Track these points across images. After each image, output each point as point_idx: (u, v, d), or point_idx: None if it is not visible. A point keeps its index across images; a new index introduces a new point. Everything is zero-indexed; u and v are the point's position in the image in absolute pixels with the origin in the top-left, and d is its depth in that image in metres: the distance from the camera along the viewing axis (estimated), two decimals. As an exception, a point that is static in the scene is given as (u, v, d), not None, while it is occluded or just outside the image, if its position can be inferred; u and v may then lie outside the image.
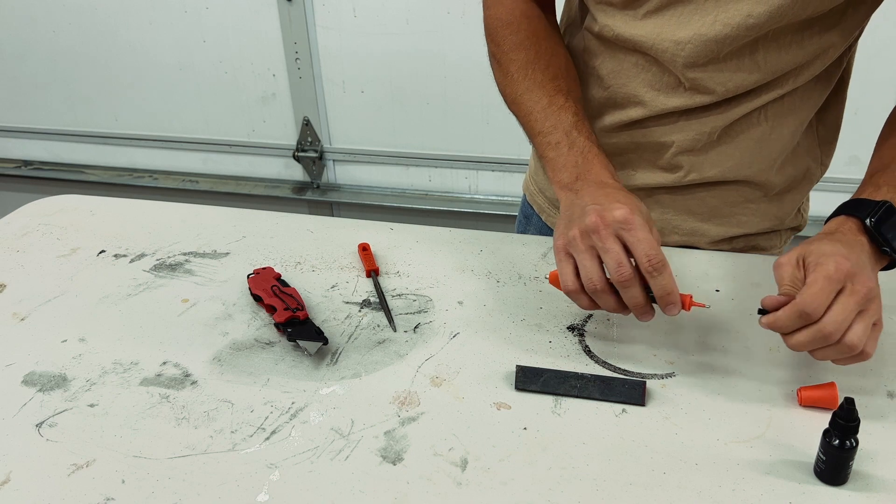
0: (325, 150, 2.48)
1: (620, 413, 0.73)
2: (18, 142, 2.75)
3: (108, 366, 0.80)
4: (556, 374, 0.76)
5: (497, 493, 0.64)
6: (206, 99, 2.48)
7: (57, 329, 0.86)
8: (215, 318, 0.87)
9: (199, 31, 2.37)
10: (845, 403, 0.63)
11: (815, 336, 0.68)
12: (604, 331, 0.84)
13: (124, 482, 0.66)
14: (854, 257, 0.70)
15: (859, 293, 0.68)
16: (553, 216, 1.12)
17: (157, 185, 2.64)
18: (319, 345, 0.80)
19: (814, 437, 0.66)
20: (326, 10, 2.24)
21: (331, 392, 0.76)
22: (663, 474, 0.66)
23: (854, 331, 0.67)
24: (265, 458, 0.68)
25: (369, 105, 2.37)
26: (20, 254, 1.01)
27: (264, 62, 2.37)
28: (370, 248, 0.98)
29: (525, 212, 1.20)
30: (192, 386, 0.77)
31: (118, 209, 1.13)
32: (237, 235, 1.04)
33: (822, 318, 0.67)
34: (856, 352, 0.68)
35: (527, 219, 1.19)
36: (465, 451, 0.68)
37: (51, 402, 0.75)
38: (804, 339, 0.68)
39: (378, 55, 2.27)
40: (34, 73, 2.58)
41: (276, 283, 0.89)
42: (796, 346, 0.69)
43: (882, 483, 0.65)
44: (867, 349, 0.69)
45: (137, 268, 0.97)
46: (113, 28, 2.42)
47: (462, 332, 0.84)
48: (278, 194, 2.56)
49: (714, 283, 0.91)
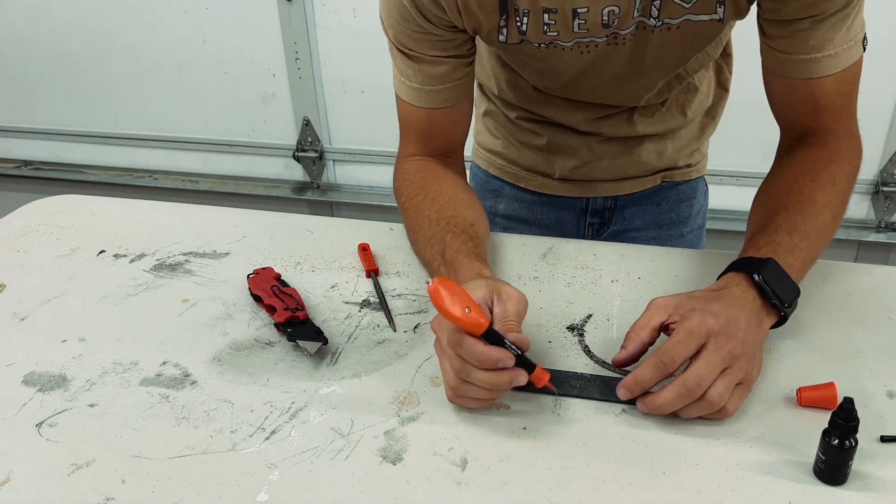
0: (325, 150, 2.48)
1: (620, 413, 0.73)
2: (18, 142, 2.75)
3: (108, 366, 0.80)
4: (555, 374, 0.76)
5: (497, 493, 0.64)
6: (206, 99, 2.48)
7: (57, 329, 0.86)
8: (215, 318, 0.87)
9: (199, 31, 2.36)
10: (845, 403, 0.63)
11: (680, 391, 0.68)
12: (604, 331, 0.84)
13: (124, 482, 0.66)
14: (725, 315, 0.70)
15: (723, 349, 0.68)
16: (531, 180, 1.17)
17: (157, 185, 2.64)
18: (319, 345, 0.80)
19: (813, 437, 0.66)
20: (326, 10, 2.24)
21: (331, 392, 0.76)
22: (663, 474, 0.66)
23: (715, 387, 0.68)
24: (265, 457, 0.68)
25: (369, 105, 2.37)
26: (20, 254, 1.01)
27: (264, 62, 2.37)
28: (370, 249, 0.98)
29: (491, 187, 1.21)
30: (192, 386, 0.77)
31: (118, 209, 1.13)
32: (237, 235, 1.04)
33: (685, 373, 0.68)
34: (716, 408, 0.68)
35: (495, 194, 1.21)
36: (464, 451, 0.68)
37: (51, 402, 0.75)
38: (669, 395, 0.69)
39: (378, 55, 2.26)
40: (34, 73, 2.58)
41: (275, 284, 0.89)
42: (664, 404, 0.69)
43: (882, 483, 0.65)
44: (729, 407, 0.69)
45: (137, 268, 0.97)
46: (113, 28, 2.42)
47: (462, 332, 0.84)
48: (278, 194, 2.56)
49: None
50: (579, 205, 1.18)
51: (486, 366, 0.68)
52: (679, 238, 1.21)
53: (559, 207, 1.18)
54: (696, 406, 0.69)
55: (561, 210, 1.18)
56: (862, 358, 0.79)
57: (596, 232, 1.20)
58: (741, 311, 0.72)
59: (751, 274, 0.76)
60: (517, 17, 0.86)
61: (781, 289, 0.75)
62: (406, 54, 0.91)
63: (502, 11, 0.85)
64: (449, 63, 0.92)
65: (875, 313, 0.86)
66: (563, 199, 1.17)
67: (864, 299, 0.89)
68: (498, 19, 0.86)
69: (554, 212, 1.19)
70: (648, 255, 0.98)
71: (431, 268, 0.89)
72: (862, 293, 0.90)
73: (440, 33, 0.88)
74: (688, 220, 1.21)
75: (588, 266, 0.96)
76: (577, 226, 1.20)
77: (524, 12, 0.85)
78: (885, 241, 2.19)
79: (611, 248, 1.00)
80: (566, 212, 1.18)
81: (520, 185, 1.18)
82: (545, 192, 1.17)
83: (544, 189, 1.17)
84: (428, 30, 0.87)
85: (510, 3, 0.85)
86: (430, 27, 0.87)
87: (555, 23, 0.85)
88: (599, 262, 0.96)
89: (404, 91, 0.95)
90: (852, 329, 0.84)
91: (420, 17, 0.86)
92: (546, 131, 1.10)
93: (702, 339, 0.69)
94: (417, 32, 0.88)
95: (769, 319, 0.76)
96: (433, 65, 0.91)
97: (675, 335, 0.70)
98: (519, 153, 1.15)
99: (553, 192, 1.16)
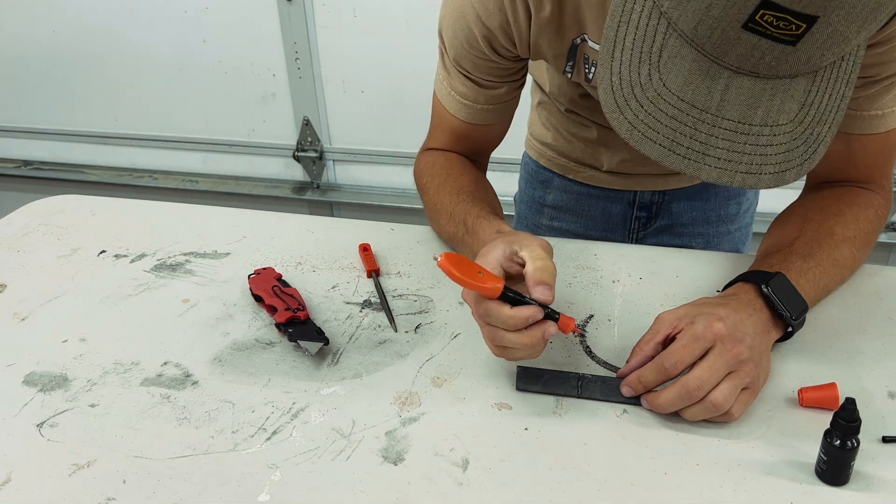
0: (325, 150, 2.48)
1: (621, 413, 0.73)
2: (18, 142, 2.75)
3: (109, 366, 0.80)
4: (556, 374, 0.76)
5: (498, 494, 0.64)
6: (206, 99, 2.48)
7: (58, 329, 0.86)
8: (216, 319, 0.87)
9: (199, 31, 2.36)
10: (846, 404, 0.63)
11: (681, 392, 0.68)
12: (604, 331, 0.84)
13: (125, 482, 0.66)
14: (733, 320, 0.71)
15: (729, 353, 0.68)
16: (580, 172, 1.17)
17: (157, 185, 2.64)
18: (320, 345, 0.80)
19: (815, 438, 0.66)
20: (326, 10, 2.24)
21: (332, 392, 0.76)
22: (664, 474, 0.66)
23: (720, 389, 0.68)
24: (266, 458, 0.68)
25: (369, 105, 2.37)
26: (20, 254, 1.01)
27: (264, 62, 2.37)
28: (371, 249, 0.98)
29: (540, 178, 1.22)
30: (192, 386, 0.77)
31: (118, 209, 1.13)
32: (237, 235, 1.04)
33: (687, 375, 0.68)
34: (720, 411, 0.68)
35: (544, 185, 1.21)
36: (466, 452, 0.68)
37: (52, 402, 0.75)
38: (670, 395, 0.69)
39: (378, 55, 2.27)
40: (34, 73, 2.58)
41: (276, 284, 0.89)
42: (664, 404, 0.70)
43: (883, 483, 0.65)
44: (733, 411, 0.69)
45: (138, 268, 0.97)
46: (113, 28, 2.42)
47: (463, 333, 0.84)
48: (278, 194, 2.56)
49: (714, 283, 0.91)
50: (627, 198, 1.18)
51: (516, 327, 0.69)
52: (726, 235, 1.21)
53: (606, 200, 1.18)
54: (699, 409, 0.69)
55: (608, 203, 1.19)
56: (863, 358, 0.79)
57: (643, 226, 1.20)
58: (749, 317, 0.73)
59: (759, 284, 0.76)
60: (585, 66, 0.87)
61: (789, 301, 0.75)
62: (464, 75, 0.92)
63: (571, 58, 0.86)
64: (504, 87, 0.93)
65: (876, 314, 0.86)
66: (611, 192, 1.17)
67: (865, 300, 0.89)
68: (565, 63, 0.87)
69: (601, 204, 1.19)
70: (649, 256, 0.98)
71: (455, 241, 0.90)
72: (863, 293, 0.90)
73: (503, 64, 0.89)
74: (736, 217, 1.21)
75: (589, 266, 0.96)
76: (624, 219, 1.20)
77: (592, 63, 0.85)
78: (885, 242, 2.19)
79: (611, 248, 1.00)
80: (613, 204, 1.19)
81: (568, 176, 1.18)
82: (593, 184, 1.17)
83: (592, 181, 1.17)
84: (491, 58, 0.88)
85: (579, 52, 0.85)
86: (495, 57, 0.87)
87: None
88: (600, 263, 0.96)
89: (451, 103, 0.95)
90: (853, 329, 0.84)
91: (489, 49, 0.86)
92: (595, 125, 1.11)
93: (708, 343, 0.69)
94: (480, 59, 0.88)
95: (775, 331, 0.76)
96: (491, 88, 0.92)
97: (681, 339, 0.70)
98: (568, 145, 1.15)
99: (601, 184, 1.17)
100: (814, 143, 0.63)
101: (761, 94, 0.59)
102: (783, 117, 0.61)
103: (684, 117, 0.60)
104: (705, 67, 0.59)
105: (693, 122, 0.60)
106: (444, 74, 0.95)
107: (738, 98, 0.60)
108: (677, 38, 0.58)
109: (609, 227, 1.20)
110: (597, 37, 0.81)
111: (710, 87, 0.59)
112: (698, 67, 0.59)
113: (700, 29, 0.56)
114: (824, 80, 0.61)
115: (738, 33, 0.55)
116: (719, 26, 0.55)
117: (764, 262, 0.82)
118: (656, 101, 0.61)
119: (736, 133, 0.60)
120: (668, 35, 0.58)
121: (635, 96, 0.61)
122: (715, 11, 0.55)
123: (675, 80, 0.60)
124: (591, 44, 0.83)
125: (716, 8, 0.54)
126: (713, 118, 0.60)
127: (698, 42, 0.57)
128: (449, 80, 0.94)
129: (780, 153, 0.61)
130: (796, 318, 0.76)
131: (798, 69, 0.58)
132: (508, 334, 0.69)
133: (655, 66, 0.60)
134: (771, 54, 0.56)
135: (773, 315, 0.76)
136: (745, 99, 0.60)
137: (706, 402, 0.68)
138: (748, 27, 0.55)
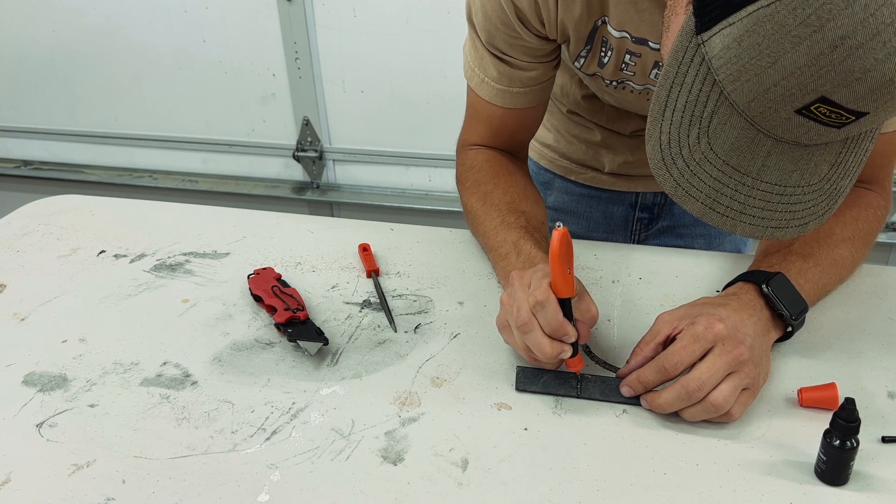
0: (325, 150, 2.48)
1: (621, 413, 0.73)
2: (18, 142, 2.75)
3: (109, 366, 0.80)
4: (556, 374, 0.76)
5: (498, 494, 0.64)
6: (206, 99, 2.48)
7: (57, 329, 0.86)
8: (216, 319, 0.87)
9: (199, 31, 2.36)
10: (846, 404, 0.63)
11: (681, 393, 0.68)
12: (605, 331, 0.84)
13: (125, 482, 0.66)
14: (734, 320, 0.71)
15: (730, 354, 0.69)
16: (581, 174, 1.17)
17: (156, 185, 2.63)
18: (320, 345, 0.80)
19: (814, 438, 0.66)
20: (326, 10, 2.24)
21: (331, 392, 0.76)
22: (664, 475, 0.66)
23: (720, 390, 0.68)
24: (266, 458, 0.68)
25: (369, 105, 2.36)
26: (20, 254, 1.01)
27: (264, 62, 2.37)
28: (370, 249, 0.98)
29: (541, 179, 1.22)
30: (192, 386, 0.77)
31: (118, 209, 1.13)
32: (237, 235, 1.04)
33: (687, 376, 0.68)
34: (720, 412, 0.68)
35: (545, 186, 1.21)
36: (465, 452, 0.68)
37: (51, 402, 0.75)
38: (670, 396, 0.69)
39: (378, 55, 2.27)
40: (34, 73, 2.57)
41: (276, 284, 0.89)
42: (664, 404, 0.70)
43: (882, 483, 0.65)
44: (733, 411, 0.69)
45: (138, 268, 0.97)
46: (113, 28, 2.42)
47: (463, 333, 0.84)
48: (278, 194, 2.56)
49: (714, 283, 0.91)
50: (629, 199, 1.18)
51: (554, 333, 0.71)
52: (728, 235, 1.21)
53: (608, 202, 1.18)
54: (699, 409, 0.69)
55: (610, 204, 1.19)
56: (863, 358, 0.79)
57: (645, 227, 1.20)
58: (749, 317, 0.73)
59: (759, 284, 0.76)
60: (602, 49, 0.87)
61: (789, 301, 0.76)
62: (498, 57, 0.92)
63: (589, 42, 0.86)
64: (539, 68, 0.93)
65: (876, 314, 0.86)
66: (613, 194, 1.17)
67: (864, 300, 0.89)
68: (582, 48, 0.87)
69: (603, 206, 1.19)
70: (649, 256, 0.98)
71: (499, 250, 0.90)
72: (862, 293, 0.90)
73: (536, 43, 0.89)
74: None
75: (589, 266, 0.96)
76: (626, 221, 1.20)
77: (610, 46, 0.85)
78: (885, 242, 2.19)
79: (611, 248, 1.00)
80: (615, 206, 1.19)
81: (569, 177, 1.18)
82: (595, 186, 1.17)
83: (594, 182, 1.17)
84: (525, 38, 0.88)
85: (599, 34, 0.85)
86: (528, 36, 0.88)
87: (634, 64, 0.86)
88: (600, 263, 0.96)
89: (486, 90, 0.95)
90: (853, 329, 0.84)
91: (521, 27, 0.86)
92: (597, 128, 1.11)
93: (708, 343, 0.69)
94: (514, 38, 0.88)
95: (775, 331, 0.76)
96: (524, 70, 0.92)
97: (681, 339, 0.70)
98: (570, 146, 1.15)
99: (602, 185, 1.17)
100: (836, 195, 0.65)
101: (799, 160, 0.62)
102: (815, 178, 0.63)
103: (727, 179, 0.63)
104: (751, 136, 0.61)
105: (734, 184, 0.63)
106: (477, 62, 0.94)
107: (778, 164, 0.62)
108: (728, 107, 0.60)
109: (611, 229, 1.20)
110: (616, 23, 0.82)
111: (754, 153, 0.62)
112: (745, 136, 0.61)
113: (753, 105, 0.58)
114: (855, 141, 0.63)
115: (790, 115, 0.57)
116: (773, 107, 0.57)
117: (763, 261, 0.82)
118: (702, 163, 0.63)
119: (771, 194, 0.63)
120: (720, 103, 0.60)
121: (682, 156, 0.63)
122: (772, 95, 0.56)
123: (721, 146, 0.62)
124: (611, 29, 0.83)
125: (773, 93, 0.56)
126: (753, 181, 0.62)
127: (749, 115, 0.59)
128: (482, 66, 0.94)
129: (807, 208, 0.64)
130: (796, 318, 0.76)
131: (836, 139, 0.61)
132: (539, 331, 0.71)
133: (705, 130, 0.62)
134: (815, 131, 0.58)
135: (774, 315, 0.76)
136: (785, 164, 0.62)
137: (706, 402, 0.68)
138: (801, 112, 0.56)
